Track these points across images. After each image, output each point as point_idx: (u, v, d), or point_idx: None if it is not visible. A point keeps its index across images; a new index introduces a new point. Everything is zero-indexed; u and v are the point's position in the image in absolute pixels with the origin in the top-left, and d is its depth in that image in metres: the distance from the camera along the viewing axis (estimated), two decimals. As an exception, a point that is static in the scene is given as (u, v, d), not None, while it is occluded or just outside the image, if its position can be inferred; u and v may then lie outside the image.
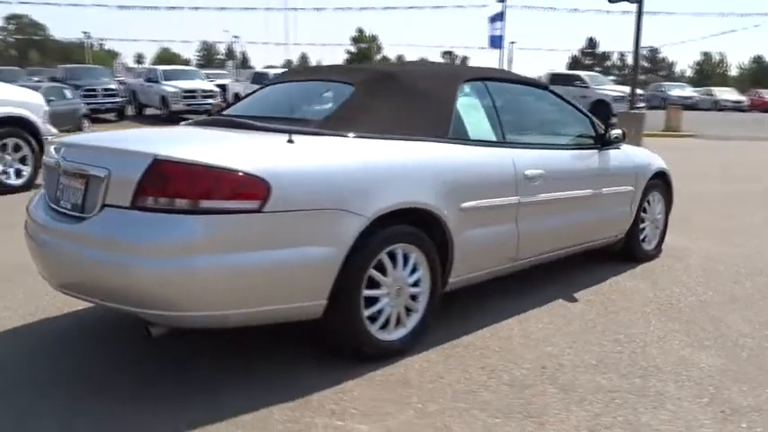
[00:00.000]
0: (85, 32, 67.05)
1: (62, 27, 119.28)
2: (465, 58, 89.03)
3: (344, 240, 2.65)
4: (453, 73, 3.54)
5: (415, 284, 3.04)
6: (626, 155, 4.43)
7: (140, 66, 70.78)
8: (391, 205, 2.81)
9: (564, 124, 4.20)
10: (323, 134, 2.86)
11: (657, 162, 4.81)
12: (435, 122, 3.21)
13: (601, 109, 16.08)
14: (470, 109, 3.50)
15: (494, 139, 3.50)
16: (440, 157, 3.13)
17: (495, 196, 3.34)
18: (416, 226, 2.99)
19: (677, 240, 5.35)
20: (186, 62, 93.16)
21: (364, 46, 72.66)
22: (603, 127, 4.23)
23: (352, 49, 75.73)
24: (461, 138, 3.33)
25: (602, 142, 4.20)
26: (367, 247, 2.76)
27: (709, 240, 5.46)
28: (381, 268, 2.87)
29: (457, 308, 3.59)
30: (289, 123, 3.00)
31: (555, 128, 4.22)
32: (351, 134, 2.90)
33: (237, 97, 22.30)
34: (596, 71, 47.73)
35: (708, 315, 3.64)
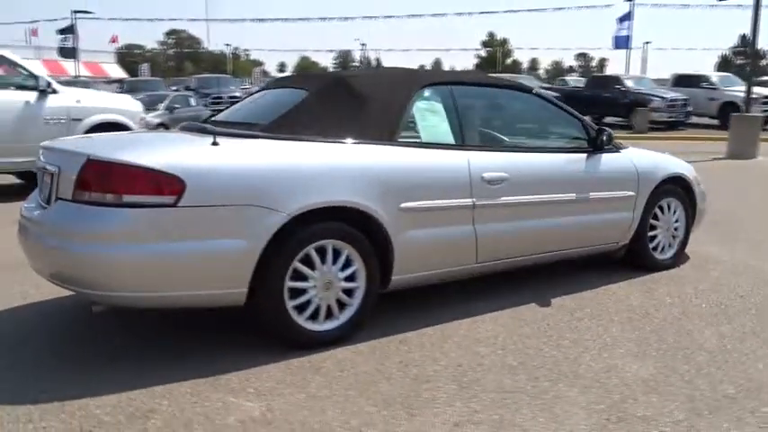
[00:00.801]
0: (227, 44, 72.13)
1: (216, 39, 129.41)
2: (603, 60, 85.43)
3: (261, 234, 2.89)
4: (410, 79, 3.66)
5: (351, 279, 3.21)
6: (626, 159, 4.28)
7: (279, 75, 75.24)
8: (313, 203, 3.00)
9: (548, 128, 4.16)
10: (258, 137, 3.12)
11: (672, 167, 4.58)
12: (381, 126, 3.36)
13: (728, 111, 15.01)
14: (428, 113, 3.60)
15: (451, 142, 3.58)
16: (377, 159, 3.27)
17: (443, 198, 3.42)
18: (352, 223, 3.16)
19: (713, 249, 5.05)
20: (324, 70, 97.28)
21: (491, 50, 71.93)
22: (596, 130, 4.13)
23: (483, 53, 75.32)
24: (411, 141, 3.45)
25: (595, 146, 4.11)
26: (289, 242, 2.97)
27: (748, 252, 5.08)
28: (309, 262, 3.07)
29: (417, 304, 3.70)
30: (249, 128, 3.30)
31: (536, 131, 4.19)
32: (285, 137, 3.14)
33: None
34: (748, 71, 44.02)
35: (680, 327, 3.47)
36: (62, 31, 33.64)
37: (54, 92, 7.96)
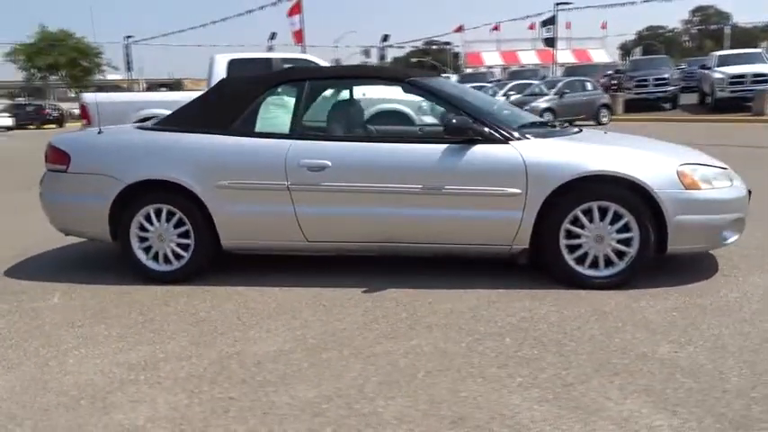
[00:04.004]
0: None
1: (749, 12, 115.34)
2: None
3: (109, 196, 4.19)
4: (268, 77, 4.25)
5: (185, 236, 4.20)
6: (512, 151, 3.74)
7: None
8: (142, 176, 4.13)
9: (411, 118, 4.00)
10: (143, 128, 4.41)
11: (598, 163, 3.66)
12: (220, 119, 4.16)
13: None
14: (274, 107, 4.17)
15: (282, 131, 4.07)
16: (202, 145, 4.10)
17: (255, 179, 4.00)
18: (182, 195, 4.15)
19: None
20: None
21: None
22: (472, 121, 3.80)
23: None
24: (244, 131, 4.12)
25: (463, 137, 3.81)
26: (132, 202, 4.20)
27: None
28: (150, 219, 4.23)
29: (284, 268, 4.33)
30: (161, 122, 4.60)
31: (395, 121, 4.06)
32: (153, 129, 4.34)
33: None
34: None
35: (476, 356, 2.94)
36: (544, 23, 36.63)
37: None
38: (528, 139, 3.83)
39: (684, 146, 4.53)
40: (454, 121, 3.76)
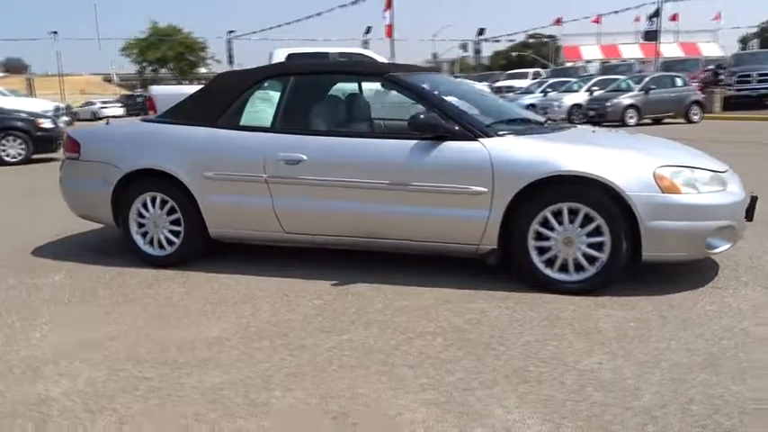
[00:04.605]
0: None
1: None
2: None
3: (111, 182, 4.47)
4: (255, 72, 4.34)
5: (176, 224, 4.41)
6: (479, 149, 3.65)
7: None
8: (138, 165, 4.37)
9: (393, 113, 3.97)
10: (145, 120, 4.66)
11: (566, 163, 3.50)
12: (210, 113, 4.32)
13: None
14: (260, 101, 4.28)
15: (265, 125, 4.16)
16: (192, 137, 4.28)
17: (236, 171, 4.13)
18: (173, 183, 4.35)
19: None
20: None
21: None
22: (442, 118, 3.75)
23: None
24: (230, 125, 4.26)
25: (432, 133, 3.76)
26: (129, 189, 4.46)
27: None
28: (147, 206, 4.46)
29: (258, 258, 4.47)
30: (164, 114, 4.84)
31: (373, 116, 4.03)
32: (152, 120, 4.58)
33: None
34: None
35: (392, 354, 2.95)
36: (651, 16, 34.91)
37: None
38: (500, 136, 3.73)
39: (688, 146, 4.24)
40: (421, 116, 3.73)
